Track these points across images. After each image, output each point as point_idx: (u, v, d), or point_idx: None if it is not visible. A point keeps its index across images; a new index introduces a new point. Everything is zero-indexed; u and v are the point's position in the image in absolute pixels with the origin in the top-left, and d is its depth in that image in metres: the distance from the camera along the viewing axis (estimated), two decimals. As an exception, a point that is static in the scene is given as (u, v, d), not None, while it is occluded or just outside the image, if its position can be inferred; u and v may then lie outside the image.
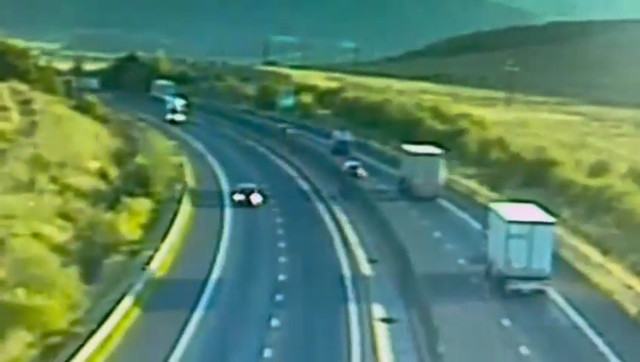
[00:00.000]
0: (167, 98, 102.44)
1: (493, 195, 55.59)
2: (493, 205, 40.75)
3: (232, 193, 53.06)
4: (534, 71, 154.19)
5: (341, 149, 70.03)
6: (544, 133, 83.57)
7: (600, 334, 31.73)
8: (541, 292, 35.79)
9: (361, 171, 63.47)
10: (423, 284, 33.25)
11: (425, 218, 50.68)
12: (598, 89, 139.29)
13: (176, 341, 29.23)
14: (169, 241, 41.39)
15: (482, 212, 42.58)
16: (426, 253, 41.10)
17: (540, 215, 37.45)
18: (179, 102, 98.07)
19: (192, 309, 32.71)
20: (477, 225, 44.89)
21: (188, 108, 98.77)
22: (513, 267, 35.60)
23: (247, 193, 51.95)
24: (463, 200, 56.60)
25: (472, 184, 62.09)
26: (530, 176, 60.51)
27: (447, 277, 38.04)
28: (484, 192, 58.49)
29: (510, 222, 36.10)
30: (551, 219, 37.17)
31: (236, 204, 51.58)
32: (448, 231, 47.14)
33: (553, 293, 35.95)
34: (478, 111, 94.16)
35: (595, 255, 42.27)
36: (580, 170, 60.63)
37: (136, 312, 32.01)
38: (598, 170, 59.62)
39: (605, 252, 42.66)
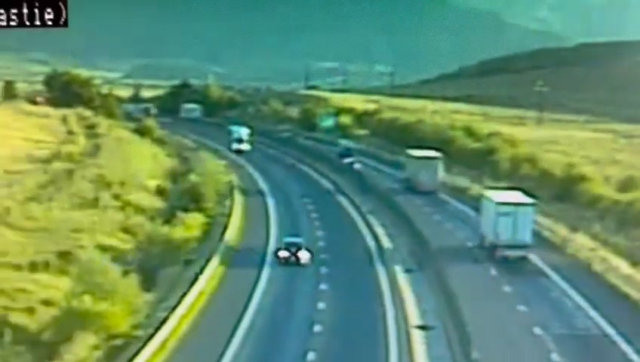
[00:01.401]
0: (233, 128, 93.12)
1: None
2: (485, 191, 46.54)
3: (277, 251, 41.66)
4: (564, 91, 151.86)
5: (346, 154, 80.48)
6: (574, 150, 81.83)
7: (630, 342, 31.40)
8: (524, 258, 41.57)
9: (357, 166, 72.70)
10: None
11: (427, 206, 57.57)
12: (626, 107, 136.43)
13: (228, 342, 29.34)
14: (220, 250, 41.66)
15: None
16: (430, 230, 47.28)
17: (523, 198, 43.08)
18: (244, 132, 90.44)
19: (242, 314, 32.94)
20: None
21: (252, 137, 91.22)
22: (501, 238, 41.42)
23: (294, 250, 41.04)
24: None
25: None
26: (561, 191, 58.88)
27: (450, 248, 44.20)
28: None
29: (498, 203, 42.27)
30: (532, 200, 42.76)
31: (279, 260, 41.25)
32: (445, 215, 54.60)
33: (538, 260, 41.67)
34: (509, 130, 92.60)
35: (624, 266, 41.72)
36: (610, 185, 59.15)
37: (190, 317, 32.29)
38: (628, 185, 57.96)
39: (635, 263, 41.99)
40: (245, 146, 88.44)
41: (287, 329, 31.42)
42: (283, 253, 41.10)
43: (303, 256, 40.99)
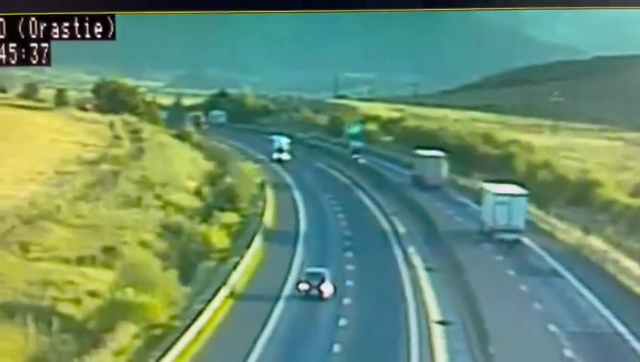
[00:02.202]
0: (274, 137, 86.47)
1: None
2: (485, 184, 50.80)
3: (298, 283, 35.80)
4: (580, 101, 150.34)
5: (357, 151, 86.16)
6: (588, 157, 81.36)
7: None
8: (518, 241, 45.73)
9: (361, 160, 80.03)
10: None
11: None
12: (637, 117, 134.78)
13: (255, 340, 29.59)
14: (252, 249, 41.94)
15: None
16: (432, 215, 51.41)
17: (518, 189, 47.69)
18: (285, 141, 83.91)
19: (272, 308, 33.13)
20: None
21: (292, 146, 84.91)
22: (498, 224, 46.13)
23: (317, 283, 35.00)
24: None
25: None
26: (575, 196, 58.51)
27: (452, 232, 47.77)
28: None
29: (496, 194, 47.08)
30: (525, 191, 47.57)
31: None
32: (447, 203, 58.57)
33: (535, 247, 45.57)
34: (526, 138, 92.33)
35: (636, 268, 41.32)
36: (622, 190, 58.74)
37: (224, 309, 32.56)
38: (639, 190, 57.77)
39: None
40: (285, 156, 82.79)
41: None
42: (304, 286, 35.01)
43: (327, 288, 34.85)
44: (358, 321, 31.94)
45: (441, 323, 31.42)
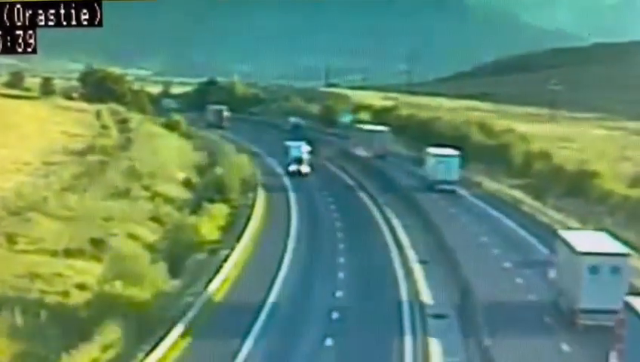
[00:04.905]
0: (290, 144, 69.22)
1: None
2: (428, 149, 63.29)
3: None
4: (578, 89, 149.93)
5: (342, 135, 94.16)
6: (586, 147, 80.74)
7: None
8: (453, 191, 59.56)
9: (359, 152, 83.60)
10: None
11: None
12: (638, 105, 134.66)
13: (248, 331, 29.74)
14: (243, 242, 41.96)
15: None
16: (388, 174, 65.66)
17: (453, 152, 61.74)
18: (305, 149, 67.92)
19: (265, 298, 33.30)
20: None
21: (312, 155, 70.18)
22: (438, 178, 60.67)
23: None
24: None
25: (512, 191, 61.89)
26: (572, 187, 58.45)
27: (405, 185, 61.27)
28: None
29: (436, 155, 61.83)
30: (458, 153, 61.28)
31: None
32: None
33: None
34: (522, 127, 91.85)
35: (634, 260, 41.51)
36: (621, 181, 58.51)
37: (213, 304, 32.64)
38: (638, 180, 57.35)
39: None
40: (305, 168, 66.75)
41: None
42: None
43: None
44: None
45: (437, 316, 31.51)
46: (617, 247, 31.90)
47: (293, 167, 66.62)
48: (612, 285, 29.22)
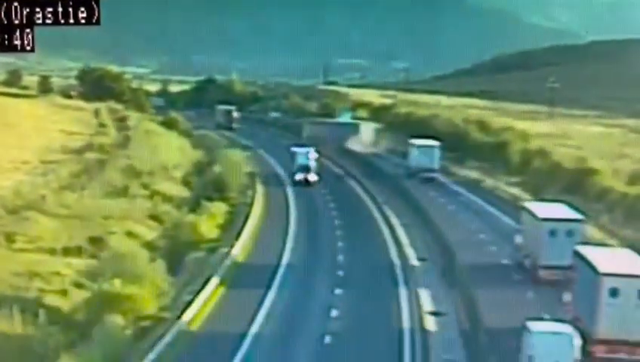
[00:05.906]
0: (296, 150, 63.91)
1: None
2: (411, 140, 67.52)
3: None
4: (576, 87, 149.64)
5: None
6: (584, 144, 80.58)
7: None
8: (433, 178, 64.78)
9: (357, 147, 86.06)
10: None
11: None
12: (636, 102, 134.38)
13: (252, 319, 29.70)
14: (242, 239, 41.99)
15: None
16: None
17: (434, 142, 66.35)
18: (312, 156, 62.76)
19: (268, 287, 33.54)
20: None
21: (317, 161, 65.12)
22: (420, 166, 65.50)
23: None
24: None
25: (508, 187, 61.98)
26: (571, 184, 58.16)
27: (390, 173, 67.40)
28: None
29: (418, 146, 66.55)
30: (438, 143, 66.15)
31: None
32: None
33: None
34: (520, 125, 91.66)
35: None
36: (619, 178, 58.41)
37: (215, 300, 32.65)
38: (636, 178, 57.21)
39: None
40: (313, 177, 61.90)
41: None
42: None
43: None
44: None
45: (434, 314, 31.64)
46: (573, 214, 37.31)
47: (299, 176, 61.47)
48: (568, 245, 33.44)
